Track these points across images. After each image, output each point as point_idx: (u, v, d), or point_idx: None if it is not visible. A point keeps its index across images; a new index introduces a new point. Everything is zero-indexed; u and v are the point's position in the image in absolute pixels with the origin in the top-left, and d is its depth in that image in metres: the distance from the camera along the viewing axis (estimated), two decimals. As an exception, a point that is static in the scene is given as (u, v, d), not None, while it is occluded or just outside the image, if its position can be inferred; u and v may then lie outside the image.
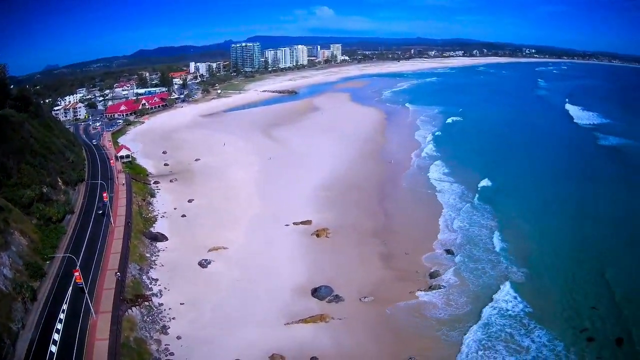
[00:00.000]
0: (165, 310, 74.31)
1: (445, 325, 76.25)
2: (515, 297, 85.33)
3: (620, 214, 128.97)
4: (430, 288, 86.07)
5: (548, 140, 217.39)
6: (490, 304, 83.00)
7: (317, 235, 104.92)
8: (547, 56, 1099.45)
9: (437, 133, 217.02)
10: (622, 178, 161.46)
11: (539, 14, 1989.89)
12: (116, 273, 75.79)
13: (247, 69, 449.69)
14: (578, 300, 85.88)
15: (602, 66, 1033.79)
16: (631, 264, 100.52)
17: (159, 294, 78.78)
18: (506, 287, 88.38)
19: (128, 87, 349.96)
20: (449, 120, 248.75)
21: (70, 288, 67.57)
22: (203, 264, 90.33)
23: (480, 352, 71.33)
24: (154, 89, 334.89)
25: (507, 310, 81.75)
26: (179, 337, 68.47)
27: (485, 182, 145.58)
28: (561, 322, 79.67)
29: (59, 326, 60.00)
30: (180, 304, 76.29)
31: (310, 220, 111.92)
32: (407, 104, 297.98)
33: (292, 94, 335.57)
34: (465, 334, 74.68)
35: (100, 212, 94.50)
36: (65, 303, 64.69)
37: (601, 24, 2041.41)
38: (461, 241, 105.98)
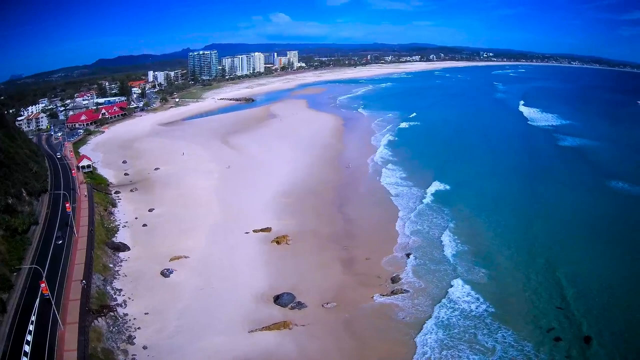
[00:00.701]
0: (130, 320, 73.96)
1: (408, 328, 76.97)
2: (477, 299, 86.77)
3: (580, 213, 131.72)
4: (392, 292, 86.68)
5: (502, 143, 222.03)
6: (452, 305, 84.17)
7: (277, 242, 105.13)
8: (504, 59, 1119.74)
9: (393, 137, 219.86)
10: (577, 177, 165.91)
11: (495, 18, 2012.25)
12: (82, 281, 75.76)
13: (204, 77, 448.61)
14: (542, 300, 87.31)
15: (561, 68, 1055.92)
16: (594, 262, 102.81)
17: (123, 304, 78.35)
18: (467, 289, 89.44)
19: (88, 96, 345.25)
20: (405, 124, 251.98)
21: (38, 299, 67.06)
22: (165, 273, 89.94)
23: (444, 352, 72.08)
24: (114, 98, 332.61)
25: (471, 311, 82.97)
26: (145, 347, 68.33)
27: (441, 185, 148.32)
28: (526, 322, 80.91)
29: (29, 338, 59.82)
30: (145, 313, 75.99)
31: (270, 228, 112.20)
32: (363, 110, 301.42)
33: (249, 101, 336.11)
34: (428, 336, 75.34)
35: (60, 241, 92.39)
36: (34, 314, 64.11)
37: (559, 25, 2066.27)
38: (420, 244, 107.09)
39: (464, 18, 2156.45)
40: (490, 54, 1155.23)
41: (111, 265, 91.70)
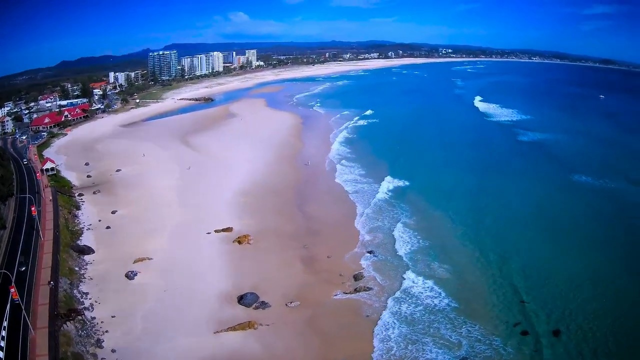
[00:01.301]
0: (98, 323, 74.13)
1: (372, 324, 78.17)
2: (440, 294, 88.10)
3: (541, 207, 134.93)
4: (355, 290, 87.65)
5: (459, 138, 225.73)
6: (415, 301, 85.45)
7: (239, 242, 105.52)
8: (463, 55, 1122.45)
9: (350, 134, 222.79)
10: (535, 171, 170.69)
11: (453, 14, 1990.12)
12: (49, 282, 76.40)
13: (164, 78, 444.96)
14: (507, 295, 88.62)
15: (521, 63, 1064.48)
16: (557, 256, 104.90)
17: (90, 308, 78.42)
18: (430, 284, 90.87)
19: (52, 99, 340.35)
20: (363, 122, 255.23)
21: (9, 305, 66.68)
22: (130, 275, 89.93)
23: (410, 347, 73.21)
24: (76, 100, 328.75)
25: (434, 306, 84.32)
26: (113, 350, 68.57)
27: (399, 181, 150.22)
28: (491, 317, 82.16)
29: (2, 343, 60.12)
30: (112, 316, 76.12)
31: (232, 227, 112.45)
32: (321, 108, 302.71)
33: (208, 101, 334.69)
34: (392, 332, 76.34)
35: (23, 268, 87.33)
36: (5, 320, 63.96)
37: (519, 21, 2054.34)
38: (380, 240, 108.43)
39: (423, 15, 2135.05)
40: (449, 51, 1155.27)
41: (77, 269, 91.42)
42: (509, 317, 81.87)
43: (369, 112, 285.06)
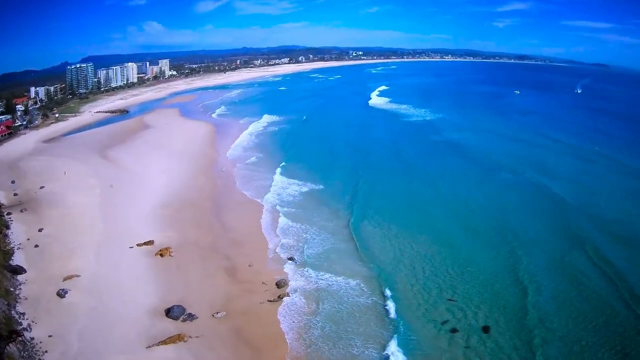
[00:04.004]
0: (37, 344, 73.34)
1: (300, 329, 79.66)
2: (363, 292, 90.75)
3: (459, 205, 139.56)
4: (279, 297, 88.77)
5: (370, 140, 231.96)
6: (340, 302, 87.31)
7: (161, 255, 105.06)
8: (374, 57, 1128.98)
9: (262, 139, 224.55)
10: (453, 169, 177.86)
11: (364, 16, 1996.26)
12: None
13: (82, 91, 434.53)
14: (432, 294, 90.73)
15: (433, 63, 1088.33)
16: (481, 252, 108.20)
17: (28, 328, 77.51)
18: (354, 284, 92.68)
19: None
20: (274, 128, 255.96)
21: None
22: (61, 294, 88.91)
23: (340, 344, 75.54)
24: (1, 116, 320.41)
25: (360, 305, 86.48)
26: (55, 371, 67.92)
27: (316, 184, 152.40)
28: (418, 316, 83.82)
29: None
30: (49, 336, 75.41)
31: (152, 241, 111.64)
32: (233, 115, 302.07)
33: (123, 113, 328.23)
34: (319, 333, 78.37)
35: None
36: None
37: (431, 21, 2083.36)
38: (301, 245, 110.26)
39: (332, 18, 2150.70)
40: (360, 53, 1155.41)
41: (12, 289, 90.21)
42: (437, 315, 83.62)
43: (278, 117, 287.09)
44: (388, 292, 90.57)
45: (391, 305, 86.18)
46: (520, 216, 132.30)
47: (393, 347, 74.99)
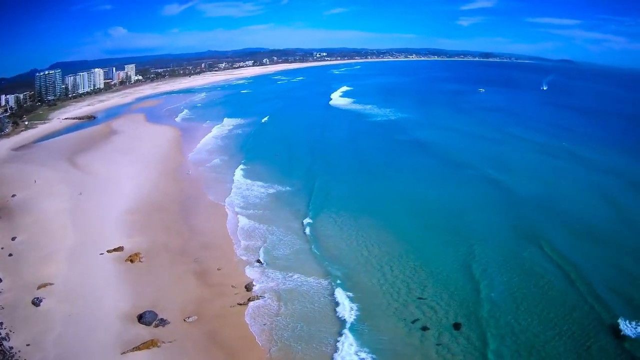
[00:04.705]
0: (16, 353, 72.97)
1: (271, 332, 79.49)
2: (332, 292, 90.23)
3: (425, 202, 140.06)
4: (249, 300, 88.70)
5: (334, 140, 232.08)
6: (309, 304, 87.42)
7: (131, 261, 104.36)
8: (338, 58, 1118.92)
9: (225, 142, 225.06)
10: (415, 168, 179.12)
11: (327, 17, 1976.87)
12: None
13: (50, 98, 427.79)
14: (402, 293, 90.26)
15: (398, 63, 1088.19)
16: (448, 250, 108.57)
17: (7, 338, 76.87)
18: (322, 287, 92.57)
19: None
20: (237, 131, 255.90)
21: None
22: (36, 302, 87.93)
23: (313, 345, 75.81)
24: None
25: (330, 305, 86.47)
26: (34, 380, 67.73)
27: (279, 185, 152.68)
28: (389, 315, 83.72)
29: None
30: (27, 345, 74.99)
31: (122, 247, 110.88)
32: (198, 118, 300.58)
33: (91, 119, 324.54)
34: (290, 334, 78.52)
35: None
36: None
37: (395, 21, 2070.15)
38: (267, 247, 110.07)
39: (296, 20, 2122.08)
40: (324, 54, 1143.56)
41: None
42: (407, 314, 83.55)
43: (241, 120, 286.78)
44: (358, 292, 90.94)
45: (362, 305, 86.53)
46: (480, 212, 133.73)
47: (365, 347, 75.22)
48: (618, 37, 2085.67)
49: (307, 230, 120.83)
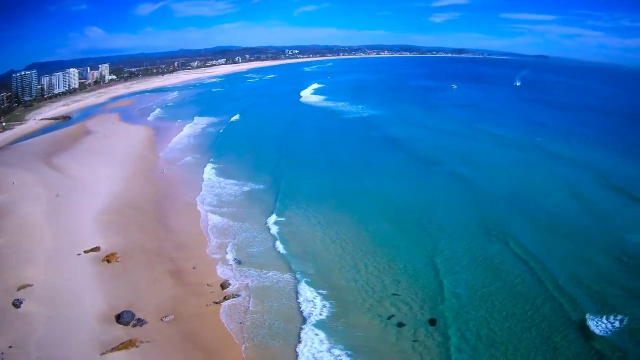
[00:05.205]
0: (0, 355, 72.82)
1: (248, 330, 79.84)
2: (307, 291, 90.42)
3: (396, 198, 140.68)
4: (225, 298, 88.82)
5: (306, 137, 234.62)
6: (285, 301, 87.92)
7: (108, 261, 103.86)
8: (310, 55, 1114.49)
9: (197, 141, 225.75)
10: (387, 164, 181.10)
11: (299, 15, 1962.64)
12: None
13: (26, 98, 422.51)
14: (377, 290, 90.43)
15: (370, 59, 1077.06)
16: (421, 245, 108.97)
17: None
18: (295, 284, 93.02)
19: None
20: (209, 129, 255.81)
21: None
22: (16, 304, 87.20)
23: (287, 343, 76.19)
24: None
25: (304, 302, 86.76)
26: (17, 381, 67.88)
27: (253, 183, 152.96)
28: (364, 312, 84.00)
29: None
30: (9, 347, 74.66)
31: (99, 247, 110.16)
32: (170, 118, 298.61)
33: (66, 119, 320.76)
34: (266, 332, 79.01)
35: None
36: None
37: (367, 18, 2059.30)
38: (242, 245, 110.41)
39: (269, 17, 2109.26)
40: (296, 52, 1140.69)
41: None
42: (382, 311, 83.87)
43: (213, 119, 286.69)
44: (332, 289, 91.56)
45: (336, 302, 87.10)
46: (449, 209, 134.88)
47: (340, 344, 75.63)
48: (594, 32, 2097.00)
49: (281, 227, 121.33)
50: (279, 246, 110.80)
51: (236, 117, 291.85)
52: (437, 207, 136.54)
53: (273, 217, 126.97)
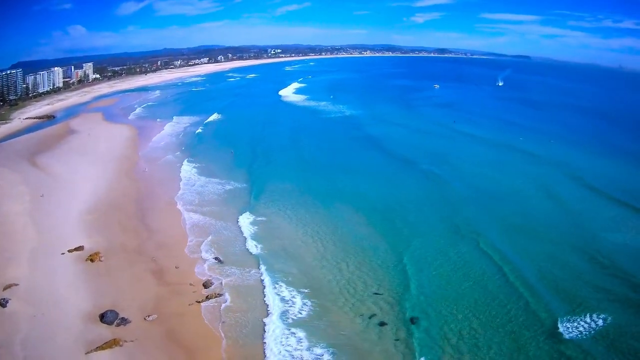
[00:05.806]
0: None
1: (231, 329, 79.67)
2: (290, 290, 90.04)
3: (380, 198, 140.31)
4: (207, 297, 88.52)
5: (285, 135, 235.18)
6: (268, 300, 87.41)
7: (91, 260, 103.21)
8: (293, 55, 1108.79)
9: (179, 139, 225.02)
10: (369, 164, 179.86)
11: (281, 14, 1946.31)
12: None
13: (11, 97, 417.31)
14: (358, 289, 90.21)
15: (352, 59, 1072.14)
16: (403, 244, 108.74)
17: None
18: (275, 283, 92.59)
19: None
20: (192, 128, 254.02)
21: None
22: (2, 303, 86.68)
23: (271, 340, 76.33)
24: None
25: (286, 305, 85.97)
26: (4, 381, 67.50)
27: (234, 181, 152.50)
28: (346, 311, 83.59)
29: None
30: None
31: (82, 246, 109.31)
32: (152, 117, 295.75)
33: (50, 118, 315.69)
34: (251, 332, 78.68)
35: None
36: None
37: (349, 17, 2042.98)
38: (224, 244, 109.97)
39: (251, 16, 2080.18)
40: (279, 51, 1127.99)
41: None
42: (364, 310, 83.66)
43: (196, 117, 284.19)
44: (314, 289, 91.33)
45: (318, 302, 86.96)
46: (424, 208, 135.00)
47: (322, 343, 75.33)
48: (576, 32, 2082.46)
49: (261, 226, 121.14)
50: (260, 245, 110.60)
51: (217, 116, 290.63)
52: (412, 207, 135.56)
53: (253, 216, 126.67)
